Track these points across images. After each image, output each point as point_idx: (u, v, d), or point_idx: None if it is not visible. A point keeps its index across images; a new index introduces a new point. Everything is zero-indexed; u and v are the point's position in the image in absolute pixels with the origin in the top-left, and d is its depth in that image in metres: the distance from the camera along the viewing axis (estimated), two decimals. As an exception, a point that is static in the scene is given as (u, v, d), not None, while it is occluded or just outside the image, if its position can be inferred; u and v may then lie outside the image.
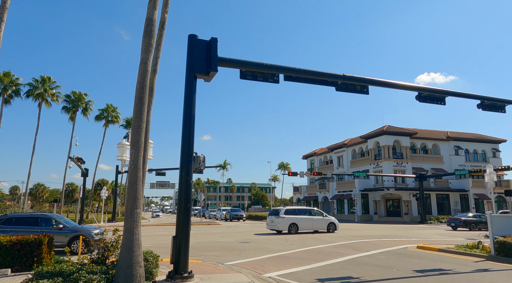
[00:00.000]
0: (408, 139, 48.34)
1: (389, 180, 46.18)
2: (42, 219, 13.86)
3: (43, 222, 13.68)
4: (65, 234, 13.37)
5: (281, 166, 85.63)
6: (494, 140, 53.26)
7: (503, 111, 14.24)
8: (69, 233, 13.44)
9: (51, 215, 14.37)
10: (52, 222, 13.70)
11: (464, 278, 9.20)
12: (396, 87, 12.46)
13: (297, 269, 10.42)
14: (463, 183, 47.80)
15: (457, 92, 13.11)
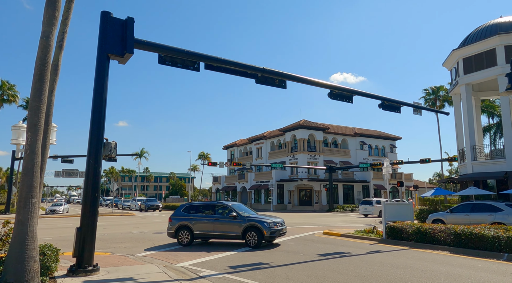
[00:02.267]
0: (322, 133, 51.86)
1: (303, 172, 49.12)
2: None
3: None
4: None
5: (202, 156, 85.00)
6: (392, 137, 60.11)
7: (399, 111, 16.11)
8: None
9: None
10: None
11: (360, 259, 10.29)
12: (311, 84, 13.22)
13: (211, 258, 10.52)
14: (365, 175, 53.10)
15: (363, 92, 14.42)
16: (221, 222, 12.95)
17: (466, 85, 24.71)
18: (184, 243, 13.08)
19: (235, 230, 12.65)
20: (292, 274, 8.31)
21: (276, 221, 12.83)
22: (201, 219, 13.23)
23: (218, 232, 12.99)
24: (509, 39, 22.43)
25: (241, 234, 12.51)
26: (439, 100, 49.61)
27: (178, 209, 14.01)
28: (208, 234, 13.14)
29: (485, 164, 23.93)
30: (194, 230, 13.11)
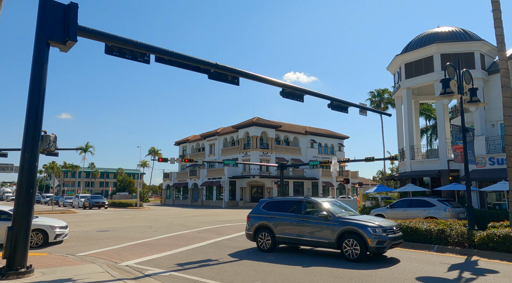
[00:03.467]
0: (274, 131, 52.71)
1: (255, 169, 49.61)
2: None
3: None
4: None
5: (152, 151, 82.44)
6: (341, 136, 62.75)
7: (346, 111, 16.82)
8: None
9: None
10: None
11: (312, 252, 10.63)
12: (264, 82, 13.35)
13: (158, 256, 10.27)
14: (315, 172, 54.92)
15: (313, 91, 14.84)
16: (309, 224, 10.09)
17: (407, 89, 26.46)
18: (264, 249, 10.76)
19: (326, 235, 9.67)
20: (240, 270, 8.37)
21: (386, 226, 9.48)
22: (284, 219, 10.62)
23: (305, 237, 10.09)
24: (445, 47, 24.36)
25: (335, 242, 9.46)
26: (383, 102, 52.65)
27: (258, 205, 11.61)
28: (292, 238, 10.31)
29: (421, 163, 25.86)
30: (275, 232, 10.58)
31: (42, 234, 12.16)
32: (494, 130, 23.57)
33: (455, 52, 23.74)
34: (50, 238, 12.21)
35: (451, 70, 12.08)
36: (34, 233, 11.92)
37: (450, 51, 24.08)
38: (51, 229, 12.35)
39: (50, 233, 12.24)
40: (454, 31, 25.24)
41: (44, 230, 12.23)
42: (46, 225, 12.40)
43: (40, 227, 12.23)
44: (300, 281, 7.34)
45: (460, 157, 12.50)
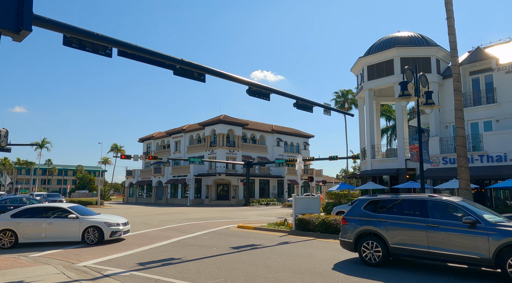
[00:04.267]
0: (241, 129, 52.76)
1: (221, 166, 49.43)
2: None
3: None
4: None
5: (114, 148, 79.77)
6: (306, 135, 63.96)
7: (311, 111, 17.18)
8: None
9: None
10: None
11: (269, 250, 10.78)
12: (231, 79, 13.33)
13: (118, 255, 9.99)
14: (280, 171, 55.61)
15: (279, 90, 15.03)
16: (445, 232, 7.47)
17: (369, 90, 27.45)
18: (372, 262, 8.36)
19: (476, 249, 7.05)
20: (203, 268, 8.33)
21: None
22: (403, 224, 8.11)
23: (438, 249, 7.48)
24: (404, 51, 25.51)
25: (492, 259, 6.82)
26: (347, 102, 54.22)
27: (357, 205, 9.23)
28: (417, 251, 7.76)
29: (381, 162, 26.95)
30: (389, 241, 8.17)
31: (98, 232, 12.00)
32: (448, 131, 25.02)
33: (413, 56, 24.93)
34: (105, 235, 12.02)
35: (409, 73, 12.69)
36: (91, 230, 11.99)
37: (409, 55, 25.24)
38: (106, 226, 12.09)
39: (105, 231, 12.04)
40: (413, 36, 26.47)
41: (100, 228, 12.01)
42: (100, 222, 12.16)
43: (95, 224, 12.06)
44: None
45: (416, 156, 13.16)
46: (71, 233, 11.92)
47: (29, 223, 11.77)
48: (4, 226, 11.62)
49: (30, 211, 12.21)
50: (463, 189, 11.60)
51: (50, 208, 12.41)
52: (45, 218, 11.89)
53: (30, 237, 11.68)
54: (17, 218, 11.84)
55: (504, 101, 22.85)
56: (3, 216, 12.23)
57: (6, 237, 11.56)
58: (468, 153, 21.41)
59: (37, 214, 12.02)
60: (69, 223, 11.93)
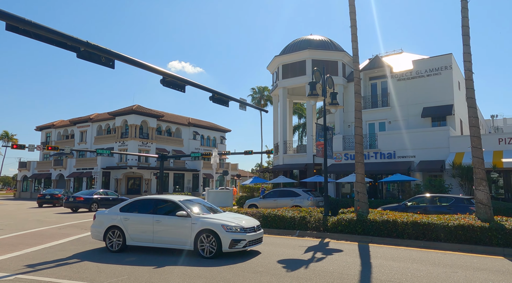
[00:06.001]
0: (155, 120, 50.68)
1: (133, 159, 46.91)
2: None
3: None
4: None
5: (4, 136, 69.71)
6: (223, 129, 64.32)
7: (227, 105, 17.31)
8: None
9: None
10: None
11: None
12: (144, 68, 12.66)
13: (3, 257, 8.79)
14: (196, 164, 55.04)
15: (195, 83, 14.78)
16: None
17: (283, 89, 28.72)
18: None
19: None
20: (104, 267, 7.81)
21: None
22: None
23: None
24: (315, 54, 27.27)
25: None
26: (263, 99, 55.98)
27: None
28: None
29: (292, 157, 28.51)
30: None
31: (215, 239, 8.46)
32: (350, 130, 27.55)
33: (323, 59, 26.82)
34: (223, 245, 8.38)
35: (318, 74, 13.60)
36: (205, 236, 8.54)
37: (319, 58, 27.07)
38: (224, 231, 8.42)
39: (223, 238, 8.37)
40: (324, 40, 28.44)
41: (215, 233, 8.47)
42: (216, 224, 8.57)
43: (211, 226, 8.53)
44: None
45: (321, 152, 14.20)
46: (181, 238, 8.77)
47: (137, 220, 9.27)
48: (112, 222, 9.41)
49: (139, 204, 9.62)
50: (359, 183, 12.90)
51: (160, 201, 9.58)
52: (152, 215, 9.21)
53: (138, 238, 9.20)
54: (125, 213, 9.50)
55: (395, 105, 26.04)
56: (113, 209, 9.89)
57: (115, 237, 9.35)
58: (366, 150, 23.94)
59: (145, 209, 9.43)
60: (179, 223, 8.85)
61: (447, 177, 20.66)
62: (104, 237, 9.47)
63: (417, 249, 9.75)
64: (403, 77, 25.96)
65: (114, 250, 9.28)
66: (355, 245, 10.45)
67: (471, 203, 13.51)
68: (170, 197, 9.76)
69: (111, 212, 9.73)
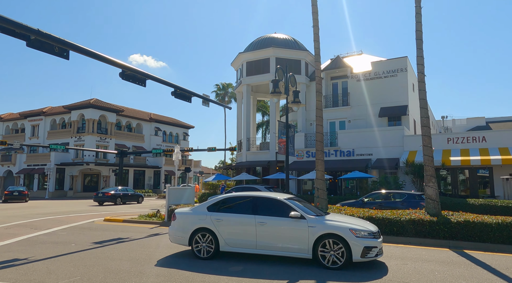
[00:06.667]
0: (115, 115, 48.86)
1: (90, 155, 44.96)
2: None
3: None
4: None
5: None
6: (186, 126, 63.31)
7: (190, 101, 17.06)
8: None
9: None
10: None
11: (137, 243, 10.31)
12: (101, 60, 12.15)
13: None
14: (157, 161, 53.79)
15: (156, 77, 14.41)
16: None
17: (247, 86, 28.76)
18: None
19: None
20: (55, 267, 7.42)
21: None
22: None
23: None
24: (279, 52, 27.54)
25: None
26: (227, 96, 55.72)
27: None
28: None
29: (255, 154, 28.67)
30: None
31: (343, 246, 7.06)
32: (312, 128, 28.16)
33: (287, 58, 27.16)
34: (354, 253, 7.01)
35: (281, 72, 13.75)
36: (330, 242, 7.16)
37: (283, 56, 27.38)
38: (353, 236, 7.07)
39: (353, 245, 7.03)
40: (288, 39, 28.79)
41: (343, 238, 7.08)
42: (343, 228, 7.19)
43: (334, 231, 7.15)
44: (126, 272, 7.03)
45: (283, 149, 14.42)
46: (295, 244, 7.43)
47: (234, 222, 7.90)
48: (200, 224, 8.09)
49: (231, 202, 8.29)
50: (319, 179, 13.23)
51: (260, 199, 8.10)
52: (253, 215, 7.77)
53: (235, 243, 7.85)
54: (216, 213, 8.16)
55: (355, 105, 26.97)
56: (198, 207, 8.60)
57: (205, 241, 8.05)
58: (326, 148, 24.60)
59: (241, 208, 8.00)
60: (292, 226, 7.48)
61: (401, 174, 21.76)
62: (189, 242, 8.16)
63: (372, 243, 10.19)
64: (362, 78, 26.93)
65: (203, 256, 7.98)
66: (314, 240, 10.69)
67: (422, 198, 14.33)
68: (271, 194, 8.41)
69: (196, 211, 8.46)
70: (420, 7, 12.01)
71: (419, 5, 11.99)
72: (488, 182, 20.85)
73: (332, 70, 27.76)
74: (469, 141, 21.38)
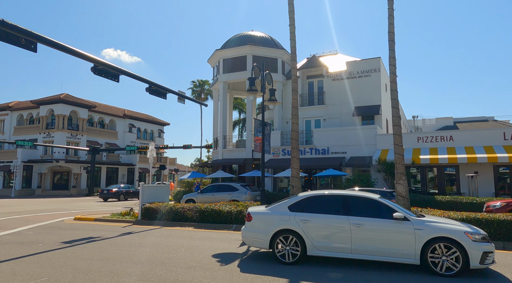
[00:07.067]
0: (87, 111, 47.38)
1: (60, 152, 43.41)
2: None
3: None
4: None
5: None
6: (161, 122, 62.26)
7: (165, 97, 16.77)
8: None
9: None
10: None
11: (109, 243, 10.06)
12: (71, 53, 11.72)
13: None
14: (131, 158, 52.64)
15: (130, 72, 14.07)
16: None
17: (223, 83, 28.60)
18: None
19: None
20: (21, 268, 7.12)
21: None
22: None
23: None
24: (256, 50, 27.55)
25: None
26: (204, 93, 55.23)
27: None
28: None
29: (232, 152, 28.59)
30: None
31: (458, 251, 6.48)
32: (288, 126, 28.37)
33: (263, 56, 27.20)
34: (471, 260, 6.43)
35: (257, 70, 13.76)
36: (440, 247, 6.58)
37: (260, 54, 27.41)
38: (469, 240, 6.50)
39: (470, 249, 6.44)
40: (265, 37, 28.84)
41: (458, 242, 6.51)
42: (457, 231, 6.60)
43: (447, 234, 6.55)
44: (96, 272, 6.85)
45: (259, 147, 14.44)
46: (399, 248, 6.81)
47: (325, 224, 7.26)
48: (283, 225, 7.42)
49: (317, 202, 7.62)
50: (294, 177, 13.37)
51: (351, 198, 7.50)
52: (346, 216, 7.20)
53: (326, 247, 7.20)
54: (300, 213, 7.49)
55: (330, 104, 27.40)
56: (277, 207, 7.87)
57: (289, 244, 7.39)
58: (302, 146, 24.87)
59: (329, 208, 7.45)
60: (395, 228, 6.88)
61: (374, 172, 22.32)
62: (271, 244, 7.56)
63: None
64: (337, 77, 27.38)
65: (288, 261, 7.33)
66: (289, 237, 10.80)
67: (393, 196, 14.76)
68: (365, 194, 7.84)
69: (275, 211, 7.77)
70: (393, 9, 12.32)
71: (392, 7, 12.30)
72: (455, 179, 21.75)
73: (308, 69, 28.05)
74: (438, 140, 22.20)
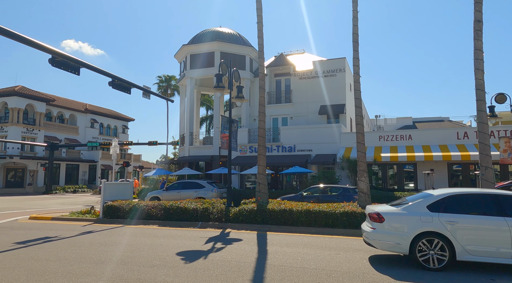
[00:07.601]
0: (44, 105, 44.98)
1: (14, 148, 40.96)
2: None
3: None
4: None
5: None
6: (125, 118, 60.37)
7: (129, 92, 16.31)
8: None
9: None
10: None
11: (67, 242, 9.64)
12: (26, 43, 11.10)
13: None
14: (93, 155, 50.66)
15: (91, 65, 13.53)
16: None
17: (191, 79, 28.20)
18: None
19: None
20: (-32, 272, 6.66)
21: None
22: None
23: None
24: (224, 47, 27.38)
25: None
26: (170, 88, 54.08)
27: None
28: None
29: (198, 149, 28.29)
30: None
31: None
32: (255, 123, 28.49)
33: (231, 53, 27.10)
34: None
35: (224, 67, 13.68)
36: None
37: (228, 51, 27.27)
38: None
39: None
40: (233, 34, 28.71)
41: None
42: None
43: None
44: (52, 273, 6.55)
45: (226, 144, 14.39)
46: None
47: (477, 225, 6.63)
48: (425, 227, 6.77)
49: (461, 201, 6.93)
50: (261, 174, 13.47)
51: (507, 198, 6.81)
52: (502, 218, 6.58)
53: (480, 252, 6.54)
54: (444, 214, 6.79)
55: (297, 102, 27.80)
56: (413, 207, 7.11)
57: (434, 248, 6.73)
58: (269, 143, 25.08)
59: (477, 208, 6.82)
60: None
61: (338, 169, 22.95)
62: (410, 249, 6.88)
63: (309, 235, 10.63)
64: (304, 76, 27.82)
65: (433, 267, 6.70)
66: (254, 234, 10.90)
67: (356, 192, 15.26)
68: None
69: (412, 211, 7.04)
70: (357, 11, 12.69)
71: (356, 9, 12.67)
72: (413, 176, 22.84)
73: (276, 67, 28.28)
74: (398, 139, 23.19)
